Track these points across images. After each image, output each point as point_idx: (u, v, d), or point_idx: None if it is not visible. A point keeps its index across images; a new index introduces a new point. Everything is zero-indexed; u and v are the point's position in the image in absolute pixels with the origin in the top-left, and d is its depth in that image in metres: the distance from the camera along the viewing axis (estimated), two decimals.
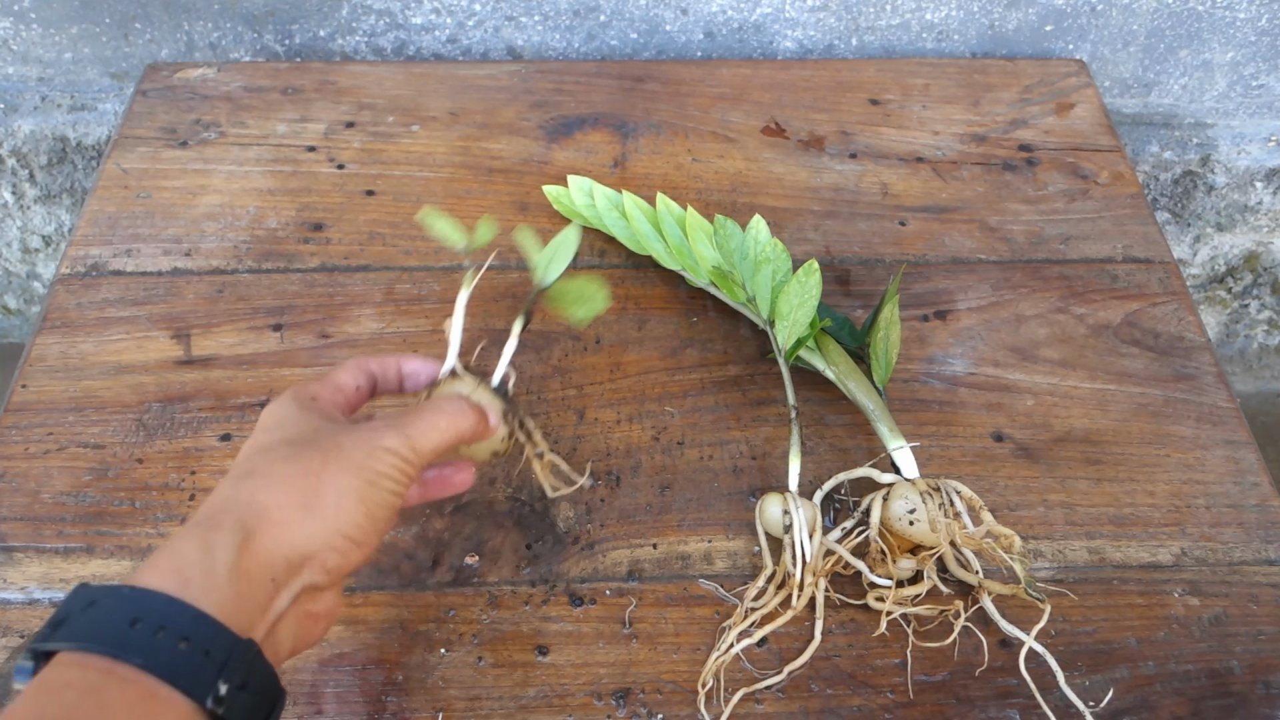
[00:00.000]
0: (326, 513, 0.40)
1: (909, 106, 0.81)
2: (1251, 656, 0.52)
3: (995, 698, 0.51)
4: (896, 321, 0.60)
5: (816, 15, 0.86)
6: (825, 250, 0.71)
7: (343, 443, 0.42)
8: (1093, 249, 0.71)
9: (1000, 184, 0.75)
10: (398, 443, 0.42)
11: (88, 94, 0.92)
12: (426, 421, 0.44)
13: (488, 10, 0.86)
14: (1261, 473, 0.60)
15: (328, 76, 0.81)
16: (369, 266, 0.69)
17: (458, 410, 0.45)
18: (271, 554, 0.38)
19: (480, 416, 0.46)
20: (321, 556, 0.40)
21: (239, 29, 0.87)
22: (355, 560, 0.41)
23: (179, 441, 0.59)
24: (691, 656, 0.52)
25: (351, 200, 0.72)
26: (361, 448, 0.42)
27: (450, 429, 0.45)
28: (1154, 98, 0.93)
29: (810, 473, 0.59)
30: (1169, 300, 0.68)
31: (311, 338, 0.65)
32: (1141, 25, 0.88)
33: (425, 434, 0.44)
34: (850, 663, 0.52)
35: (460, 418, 0.45)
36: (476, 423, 0.46)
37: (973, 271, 0.70)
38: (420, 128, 0.78)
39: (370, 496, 0.41)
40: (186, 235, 0.70)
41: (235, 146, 0.76)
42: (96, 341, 0.64)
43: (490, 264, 0.69)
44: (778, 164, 0.76)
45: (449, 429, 0.45)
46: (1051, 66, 0.85)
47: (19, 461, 0.58)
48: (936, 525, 0.50)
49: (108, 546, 0.55)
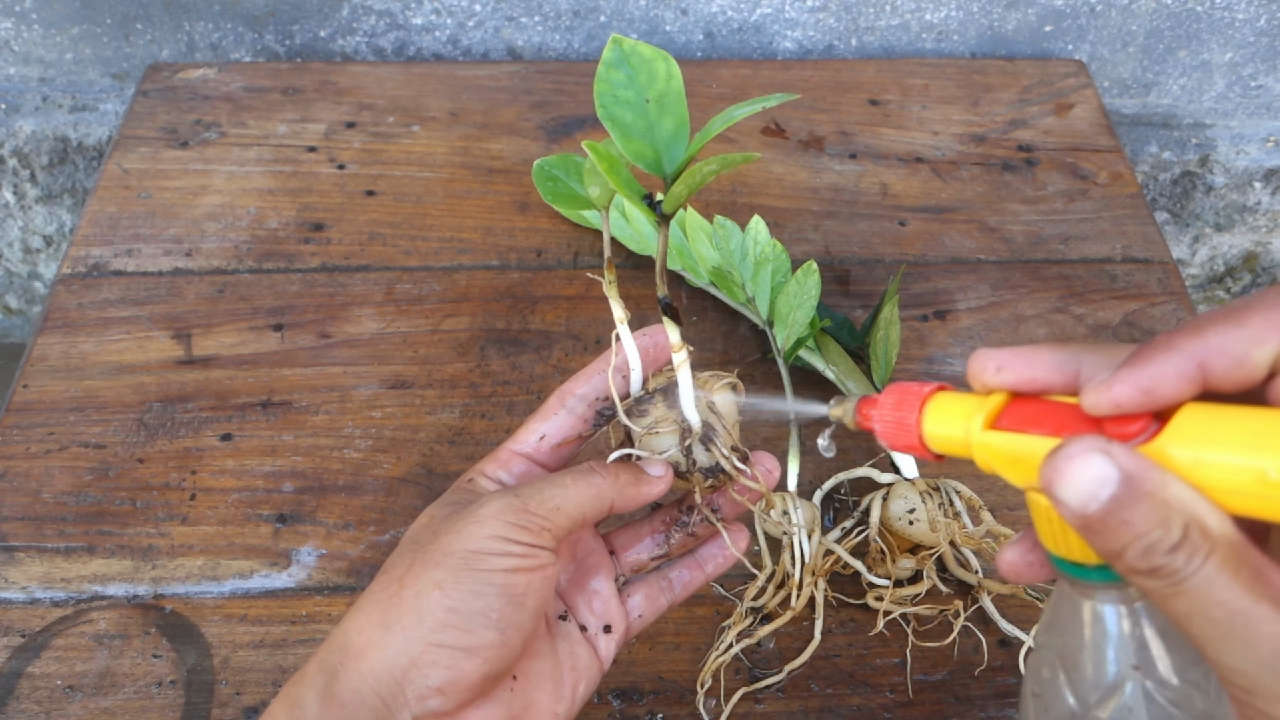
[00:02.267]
0: (406, 622, 0.33)
1: (908, 107, 0.81)
2: None
3: (995, 697, 0.51)
4: (896, 321, 0.60)
5: (816, 16, 0.87)
6: (825, 250, 0.71)
7: (440, 529, 0.35)
8: (1092, 249, 0.71)
9: (999, 184, 0.75)
10: (500, 508, 0.34)
11: (89, 94, 0.92)
12: (554, 481, 0.36)
13: (488, 11, 0.86)
14: None
15: (328, 77, 0.81)
16: (369, 266, 0.69)
17: (601, 472, 0.37)
18: (358, 692, 0.32)
19: (638, 482, 0.38)
20: (417, 676, 0.32)
21: (240, 29, 0.87)
22: (476, 670, 0.33)
23: (180, 441, 0.59)
24: (691, 656, 0.52)
25: (352, 200, 0.73)
26: (454, 527, 0.34)
27: (588, 491, 0.36)
28: (1153, 98, 0.93)
29: (810, 473, 0.59)
30: (1168, 300, 0.68)
31: (312, 338, 0.65)
32: (1140, 26, 0.88)
33: (549, 496, 0.35)
34: (850, 662, 0.52)
35: (601, 482, 0.37)
36: (633, 486, 0.38)
37: (972, 271, 0.70)
38: (420, 128, 0.78)
39: (461, 585, 0.33)
40: (187, 235, 0.70)
41: (236, 147, 0.76)
42: (97, 341, 0.64)
43: (490, 264, 0.69)
44: (777, 164, 0.76)
45: (586, 492, 0.36)
46: (1051, 67, 0.85)
47: (20, 461, 0.58)
48: (936, 525, 0.51)
49: (109, 546, 0.55)
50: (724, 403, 0.40)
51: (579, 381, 0.40)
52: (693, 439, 0.39)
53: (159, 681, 0.50)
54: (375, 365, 0.63)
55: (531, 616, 0.34)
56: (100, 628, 0.52)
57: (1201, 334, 0.26)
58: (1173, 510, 0.24)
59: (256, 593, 0.54)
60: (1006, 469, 0.29)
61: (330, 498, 0.57)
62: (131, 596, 0.53)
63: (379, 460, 0.59)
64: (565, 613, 0.40)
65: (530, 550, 0.34)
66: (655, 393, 0.39)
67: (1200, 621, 0.24)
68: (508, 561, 0.34)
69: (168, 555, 0.55)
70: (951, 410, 0.31)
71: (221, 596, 0.53)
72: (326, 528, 0.56)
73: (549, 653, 0.38)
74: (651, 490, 0.38)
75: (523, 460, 0.40)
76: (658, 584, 0.42)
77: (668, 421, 0.39)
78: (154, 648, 0.52)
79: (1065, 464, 0.25)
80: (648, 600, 0.41)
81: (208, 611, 0.53)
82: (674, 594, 0.42)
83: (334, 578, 0.54)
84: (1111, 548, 0.25)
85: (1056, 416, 0.28)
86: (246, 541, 0.56)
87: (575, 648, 0.39)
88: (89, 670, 0.51)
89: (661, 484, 0.39)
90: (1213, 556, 0.24)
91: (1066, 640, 0.30)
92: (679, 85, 0.37)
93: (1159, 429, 0.26)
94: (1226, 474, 0.25)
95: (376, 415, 0.61)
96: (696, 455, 0.39)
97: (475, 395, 0.62)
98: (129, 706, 0.49)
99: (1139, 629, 0.29)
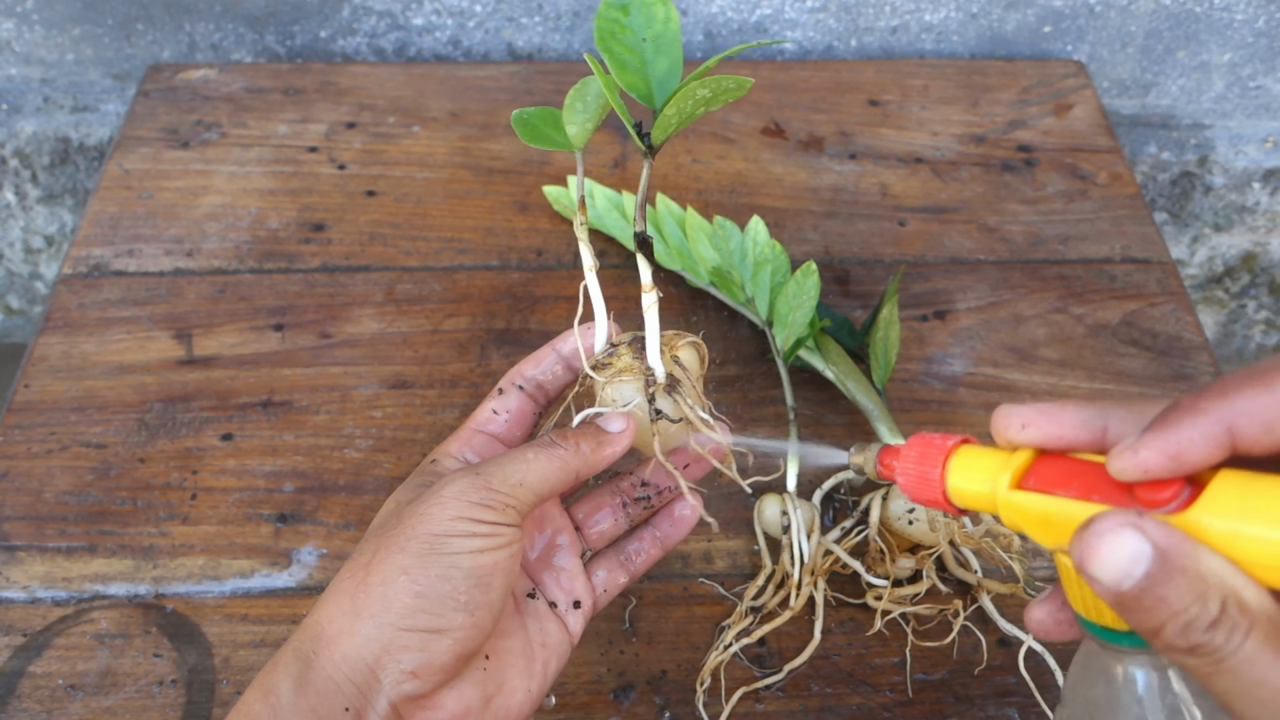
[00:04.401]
0: (375, 609, 0.33)
1: (908, 107, 0.81)
2: None
3: (994, 696, 0.51)
4: (896, 322, 0.60)
5: (816, 16, 0.87)
6: (824, 250, 0.71)
7: (404, 513, 0.35)
8: (1091, 249, 0.72)
9: (999, 184, 0.76)
10: (463, 488, 0.34)
11: (90, 95, 0.92)
12: (515, 456, 0.36)
13: (488, 11, 0.86)
14: None
15: (329, 77, 0.82)
16: (370, 267, 0.69)
17: (562, 442, 0.37)
18: (333, 679, 0.32)
19: (600, 444, 0.38)
20: (390, 662, 0.33)
21: (240, 30, 0.87)
22: (448, 651, 0.33)
23: (181, 441, 0.60)
24: (691, 655, 0.52)
25: (352, 200, 0.73)
26: (418, 510, 0.34)
27: (551, 464, 0.36)
28: (1152, 99, 0.94)
29: (810, 472, 0.59)
30: (1167, 300, 0.69)
31: (313, 338, 0.65)
32: (1140, 26, 0.88)
33: (511, 472, 0.35)
34: (849, 661, 0.52)
35: (564, 453, 0.36)
36: (595, 449, 0.37)
37: (972, 272, 0.70)
38: (421, 128, 0.78)
39: (427, 570, 0.33)
40: (188, 235, 0.70)
41: (236, 147, 0.76)
42: (98, 341, 0.64)
43: (490, 264, 0.69)
44: (777, 164, 0.76)
45: (549, 464, 0.36)
46: (1050, 67, 0.85)
47: (21, 461, 0.59)
48: (935, 524, 0.51)
49: (110, 546, 0.55)
50: (688, 358, 0.40)
51: (528, 364, 0.42)
52: (657, 388, 0.38)
53: (160, 681, 0.50)
54: (376, 365, 0.63)
55: (500, 595, 0.35)
56: (101, 627, 0.52)
57: (1229, 397, 0.25)
58: (1209, 585, 0.24)
59: (257, 592, 0.54)
60: (1034, 530, 0.29)
61: (331, 497, 0.57)
62: (133, 596, 0.54)
63: (379, 460, 0.59)
64: (534, 590, 0.40)
65: (495, 529, 0.34)
66: (620, 345, 0.40)
67: (1244, 700, 0.24)
68: (473, 543, 0.34)
69: (169, 555, 0.55)
70: (976, 465, 0.30)
71: (222, 596, 0.54)
72: (327, 527, 0.56)
73: (519, 630, 0.38)
74: (616, 448, 0.38)
75: (485, 438, 0.40)
76: (616, 558, 0.42)
77: (633, 371, 0.39)
78: (155, 647, 0.52)
79: (1097, 540, 0.25)
80: (609, 575, 0.42)
81: (209, 611, 0.53)
82: (634, 566, 0.42)
83: None
84: (1148, 625, 0.25)
85: (1085, 477, 0.28)
86: (247, 541, 0.56)
87: (545, 624, 0.39)
88: (90, 669, 0.51)
89: (624, 439, 0.38)
90: (1253, 632, 0.24)
91: (1096, 698, 0.30)
92: (676, 28, 0.38)
93: (1192, 495, 0.26)
94: (1264, 547, 0.24)
95: (377, 415, 0.61)
96: (661, 404, 0.39)
97: (476, 395, 0.62)
98: (130, 706, 0.50)
99: (1170, 693, 0.29)
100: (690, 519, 0.42)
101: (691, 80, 0.34)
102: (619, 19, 0.38)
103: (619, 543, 0.43)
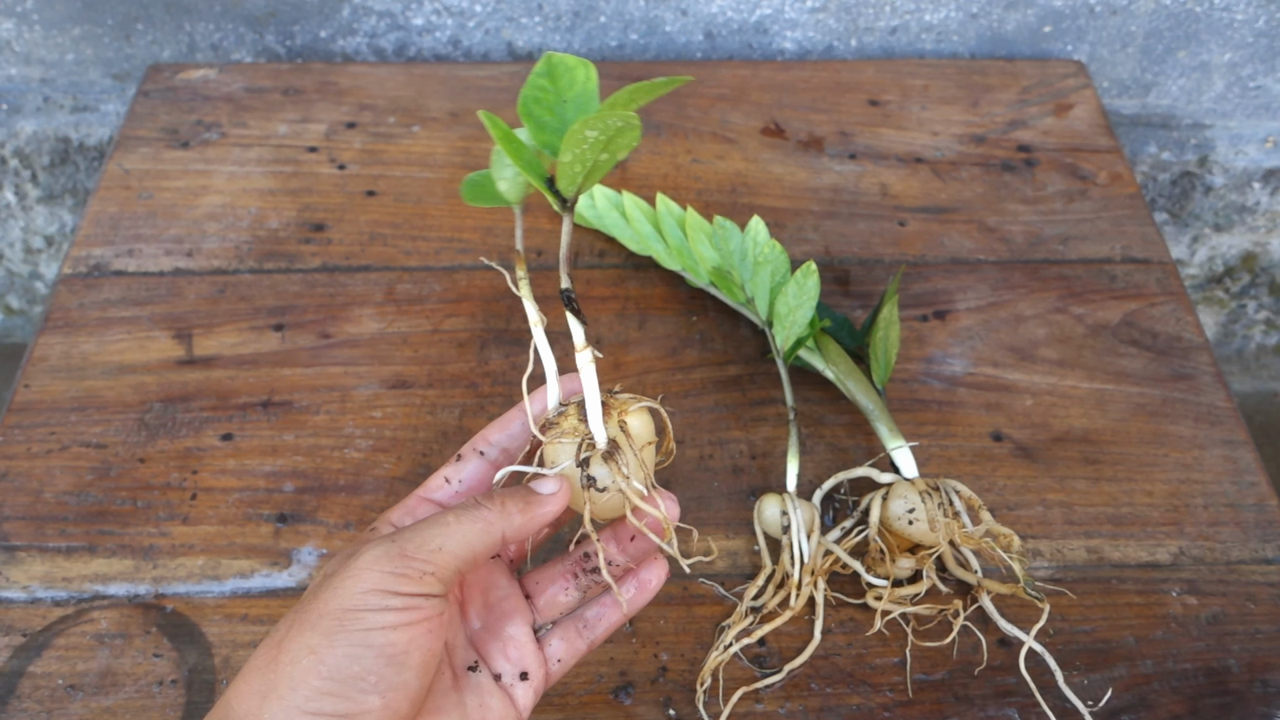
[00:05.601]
0: (282, 690, 0.31)
1: (908, 107, 0.81)
2: (1249, 655, 0.53)
3: (994, 696, 0.51)
4: (896, 321, 0.60)
5: (816, 16, 0.87)
6: (824, 250, 0.71)
7: (321, 585, 0.32)
8: (1091, 249, 0.71)
9: (999, 184, 0.76)
10: (376, 557, 0.32)
11: (90, 95, 0.92)
12: (435, 520, 0.33)
13: (488, 11, 0.86)
14: (1259, 472, 0.60)
15: (329, 77, 0.82)
16: (370, 267, 0.69)
17: (486, 503, 0.34)
18: None
19: (528, 505, 0.35)
20: None
21: (240, 30, 0.87)
22: None
23: (181, 441, 0.60)
24: (692, 655, 0.52)
25: (352, 201, 0.73)
26: (332, 583, 0.32)
27: (474, 526, 0.34)
28: (1152, 99, 0.94)
29: (810, 472, 0.59)
30: (1167, 300, 0.69)
31: (313, 338, 0.65)
32: (1140, 26, 0.88)
33: (430, 537, 0.33)
34: (849, 661, 0.52)
35: (488, 514, 0.34)
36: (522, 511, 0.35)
37: (972, 272, 0.70)
38: (421, 128, 0.78)
39: (335, 649, 0.31)
40: (188, 235, 0.70)
41: (236, 147, 0.76)
42: (98, 341, 0.64)
43: (489, 264, 0.69)
44: (777, 164, 0.76)
45: (471, 527, 0.33)
46: (1050, 67, 0.85)
47: (21, 461, 0.59)
48: (935, 525, 0.51)
49: (110, 545, 0.55)
50: (638, 425, 0.38)
51: (495, 429, 0.39)
52: (594, 453, 0.36)
53: (160, 681, 0.50)
54: (376, 365, 0.63)
55: (417, 675, 0.32)
56: (101, 627, 0.52)
57: None
58: None
59: (257, 592, 0.54)
60: None
61: (331, 497, 0.57)
62: (133, 596, 0.54)
63: (379, 460, 0.59)
64: (476, 663, 0.37)
65: (412, 601, 0.32)
66: (572, 405, 0.38)
67: None
68: (386, 618, 0.31)
69: (169, 555, 0.55)
70: None
71: (222, 596, 0.54)
72: (327, 527, 0.56)
73: (454, 707, 0.35)
74: (545, 510, 0.35)
75: (431, 506, 0.38)
76: (574, 626, 0.40)
77: (574, 433, 0.37)
78: (155, 647, 0.52)
79: None
80: (566, 644, 0.39)
81: (209, 611, 0.53)
82: (594, 634, 0.40)
83: None
84: None
85: None
86: (247, 541, 0.56)
87: (487, 699, 0.37)
88: (90, 669, 0.51)
89: (556, 501, 0.36)
90: None
91: None
92: (594, 86, 0.39)
93: None
94: None
95: (377, 415, 0.61)
96: (594, 471, 0.36)
97: (476, 395, 0.62)
98: (130, 706, 0.50)
99: None
100: (655, 585, 0.39)
101: (578, 124, 0.34)
102: (545, 86, 0.39)
103: (579, 610, 0.40)
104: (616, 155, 0.36)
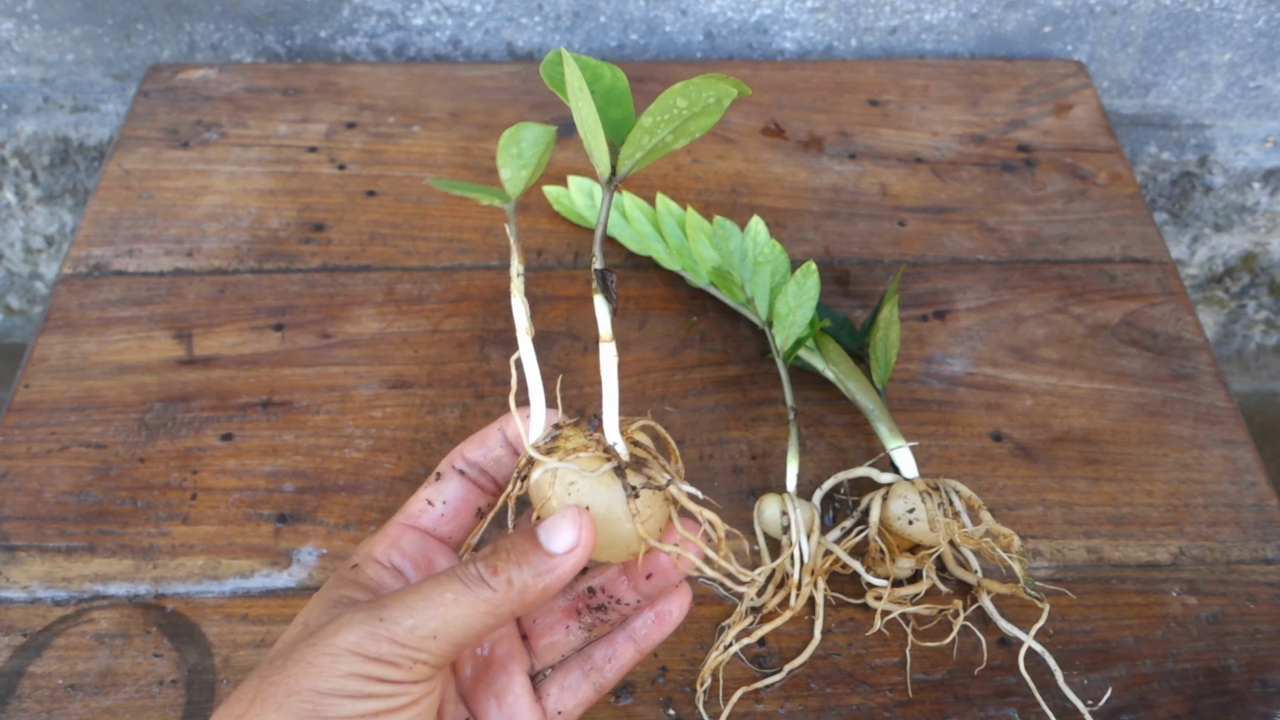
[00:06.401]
0: None
1: (908, 107, 0.81)
2: (1249, 655, 0.53)
3: (994, 696, 0.51)
4: (896, 322, 0.60)
5: (816, 16, 0.87)
6: (824, 250, 0.71)
7: (291, 655, 0.28)
8: (1091, 249, 0.72)
9: (999, 184, 0.76)
10: (360, 639, 0.28)
11: (90, 95, 0.92)
12: (430, 595, 0.29)
13: (488, 11, 0.86)
14: (1259, 472, 0.60)
15: (329, 77, 0.82)
16: (370, 267, 0.69)
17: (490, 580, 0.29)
18: None
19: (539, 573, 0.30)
20: None
21: (240, 30, 0.87)
22: None
23: (181, 441, 0.60)
24: (691, 655, 0.52)
25: (352, 201, 0.73)
26: (305, 656, 0.28)
27: (476, 609, 0.29)
28: (1152, 99, 0.94)
29: (810, 472, 0.59)
30: (1167, 300, 0.69)
31: (313, 338, 0.65)
32: (1140, 26, 0.88)
33: (424, 620, 0.28)
34: (849, 661, 0.52)
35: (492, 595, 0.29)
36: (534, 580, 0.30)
37: (972, 272, 0.70)
38: (421, 128, 0.78)
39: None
40: (188, 235, 0.70)
41: (236, 147, 0.76)
42: (98, 341, 0.64)
43: (490, 264, 0.69)
44: (777, 164, 0.76)
45: (473, 609, 0.29)
46: (1050, 67, 0.85)
47: (21, 461, 0.59)
48: (935, 525, 0.51)
49: (110, 545, 0.55)
50: (646, 442, 0.34)
51: (471, 445, 0.35)
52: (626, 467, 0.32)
53: (160, 681, 0.50)
54: (376, 365, 0.63)
55: None
56: (101, 627, 0.52)
57: None
58: None
59: (257, 592, 0.54)
60: None
61: (331, 497, 0.57)
62: (132, 596, 0.54)
63: (379, 460, 0.59)
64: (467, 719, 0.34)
65: (398, 689, 0.28)
66: (565, 426, 0.34)
67: None
68: (367, 705, 0.27)
69: (169, 555, 0.55)
70: None
71: (222, 596, 0.54)
72: (327, 527, 0.56)
73: None
74: (561, 571, 0.30)
75: (416, 535, 0.34)
76: (579, 669, 0.36)
77: (591, 448, 0.32)
78: (155, 647, 0.52)
79: None
80: (569, 692, 0.35)
81: (209, 611, 0.53)
82: (603, 678, 0.35)
83: None
84: None
85: None
86: (247, 541, 0.56)
87: None
88: (90, 669, 0.51)
89: (573, 557, 0.30)
90: None
91: None
92: (624, 86, 0.37)
93: None
94: None
95: (377, 415, 0.61)
96: (632, 480, 0.31)
97: (476, 395, 0.62)
98: (130, 706, 0.50)
99: None
100: (676, 617, 0.35)
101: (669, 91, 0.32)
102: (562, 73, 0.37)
103: (584, 650, 0.36)
104: (679, 139, 0.33)
